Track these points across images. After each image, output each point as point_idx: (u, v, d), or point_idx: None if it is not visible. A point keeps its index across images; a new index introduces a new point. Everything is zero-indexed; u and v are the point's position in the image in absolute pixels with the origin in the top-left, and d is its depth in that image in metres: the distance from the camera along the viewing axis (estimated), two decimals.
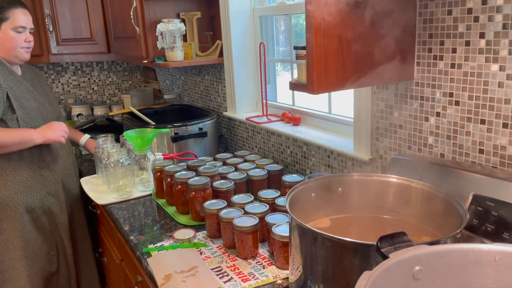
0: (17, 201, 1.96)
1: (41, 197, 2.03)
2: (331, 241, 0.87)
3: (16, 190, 1.96)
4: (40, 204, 2.03)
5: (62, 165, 2.13)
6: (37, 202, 2.02)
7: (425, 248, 0.71)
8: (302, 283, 0.97)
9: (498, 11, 1.05)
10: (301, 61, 1.19)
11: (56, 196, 2.09)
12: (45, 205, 2.05)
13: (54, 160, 2.08)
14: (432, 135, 1.28)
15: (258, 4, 2.19)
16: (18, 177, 1.97)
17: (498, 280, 0.70)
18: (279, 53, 2.24)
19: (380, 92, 1.42)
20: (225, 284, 1.20)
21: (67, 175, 2.16)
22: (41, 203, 2.03)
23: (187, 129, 2.17)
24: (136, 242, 1.48)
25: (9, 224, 1.96)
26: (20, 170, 1.97)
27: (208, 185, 1.59)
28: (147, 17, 2.23)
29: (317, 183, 1.13)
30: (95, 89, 3.53)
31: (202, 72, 2.62)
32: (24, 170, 1.98)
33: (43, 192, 2.04)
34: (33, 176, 2.01)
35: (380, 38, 1.17)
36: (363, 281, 0.62)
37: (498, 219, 0.98)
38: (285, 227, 1.25)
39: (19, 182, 1.97)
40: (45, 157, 2.04)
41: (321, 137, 1.78)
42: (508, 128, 1.09)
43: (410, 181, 1.11)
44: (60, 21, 2.88)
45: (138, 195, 1.88)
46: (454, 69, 1.18)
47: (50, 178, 2.06)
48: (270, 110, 2.18)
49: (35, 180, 2.01)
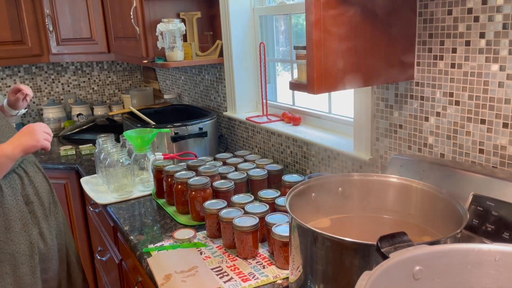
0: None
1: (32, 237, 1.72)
2: (331, 241, 0.87)
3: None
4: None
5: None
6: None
7: (425, 248, 0.71)
8: (302, 283, 0.97)
9: (498, 11, 1.05)
10: (301, 61, 1.19)
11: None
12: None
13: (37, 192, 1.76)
14: (432, 135, 1.28)
15: (258, 4, 2.19)
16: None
17: (498, 280, 0.70)
18: (279, 53, 2.24)
19: (380, 92, 1.42)
20: (225, 284, 1.20)
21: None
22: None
23: (187, 129, 2.17)
24: (136, 242, 1.48)
25: None
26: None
27: (208, 185, 1.59)
28: (147, 17, 2.23)
29: (317, 183, 1.13)
30: (95, 89, 3.53)
31: (202, 72, 2.62)
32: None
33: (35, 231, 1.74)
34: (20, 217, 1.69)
35: (380, 38, 1.17)
36: (363, 281, 0.62)
37: (498, 219, 0.98)
38: (285, 227, 1.25)
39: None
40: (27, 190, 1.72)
41: (321, 137, 1.78)
42: (508, 128, 1.09)
43: (410, 181, 1.11)
44: (60, 21, 2.88)
45: (138, 195, 1.88)
46: (454, 69, 1.18)
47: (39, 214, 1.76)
48: (270, 110, 2.18)
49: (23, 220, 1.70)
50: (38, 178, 1.79)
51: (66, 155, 2.63)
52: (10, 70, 3.24)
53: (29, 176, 1.75)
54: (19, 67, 3.25)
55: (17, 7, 2.82)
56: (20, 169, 1.72)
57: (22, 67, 3.26)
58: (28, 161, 1.78)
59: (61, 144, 2.85)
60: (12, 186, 1.67)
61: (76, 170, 2.47)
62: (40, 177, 1.81)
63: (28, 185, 1.73)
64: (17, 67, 3.24)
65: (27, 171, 1.75)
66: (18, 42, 2.87)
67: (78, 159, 2.56)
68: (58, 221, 1.88)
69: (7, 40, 2.84)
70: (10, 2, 2.79)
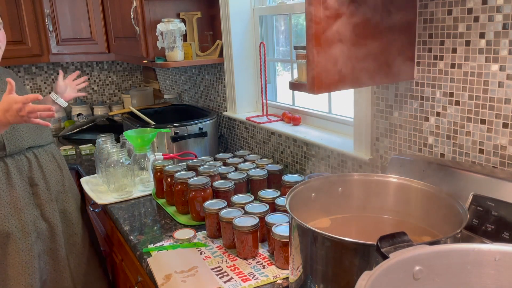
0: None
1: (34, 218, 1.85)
2: (331, 241, 0.87)
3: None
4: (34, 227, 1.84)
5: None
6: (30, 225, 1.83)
7: (425, 248, 0.71)
8: (302, 283, 0.97)
9: (498, 11, 1.05)
10: (301, 61, 1.19)
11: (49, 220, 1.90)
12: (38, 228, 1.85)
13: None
14: (432, 135, 1.28)
15: (258, 4, 2.19)
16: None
17: (498, 280, 0.70)
18: (279, 53, 2.24)
19: (380, 92, 1.42)
20: (225, 284, 1.20)
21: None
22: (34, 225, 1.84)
23: (187, 129, 2.17)
24: (136, 242, 1.48)
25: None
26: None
27: (208, 185, 1.59)
28: (147, 17, 2.23)
29: (317, 183, 1.13)
30: (95, 89, 3.53)
31: (202, 72, 2.62)
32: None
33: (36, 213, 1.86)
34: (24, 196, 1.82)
35: (380, 38, 1.17)
36: (363, 281, 0.62)
37: (498, 219, 0.98)
38: (285, 227, 1.25)
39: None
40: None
41: (321, 137, 1.78)
42: (508, 128, 1.09)
43: (410, 181, 1.11)
44: (60, 21, 2.88)
45: (138, 195, 1.88)
46: (454, 69, 1.18)
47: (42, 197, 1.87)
48: (270, 110, 2.18)
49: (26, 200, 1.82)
50: (50, 166, 1.93)
51: (66, 155, 2.63)
52: (10, 70, 3.24)
53: (39, 161, 1.89)
54: (19, 67, 3.25)
55: (17, 7, 2.82)
56: (30, 153, 1.87)
57: (22, 67, 3.26)
58: (44, 149, 1.93)
59: (61, 144, 2.85)
60: (18, 167, 1.82)
61: (76, 170, 2.47)
62: (53, 166, 1.94)
63: (36, 169, 1.87)
64: (17, 67, 3.24)
65: (38, 156, 1.89)
66: (18, 42, 2.87)
67: (78, 159, 2.56)
68: (65, 208, 1.97)
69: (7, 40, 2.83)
70: (10, 2, 2.79)
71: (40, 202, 1.87)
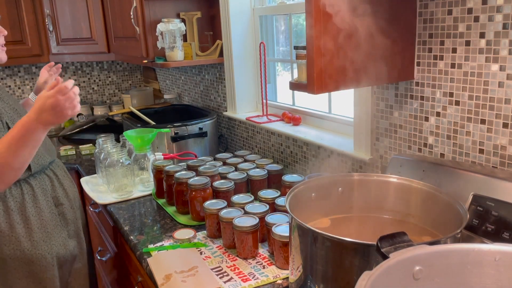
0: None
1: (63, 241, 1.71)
2: (331, 241, 0.87)
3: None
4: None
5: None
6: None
7: (425, 248, 0.71)
8: (302, 283, 0.97)
9: (498, 11, 1.05)
10: (301, 61, 1.19)
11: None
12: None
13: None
14: (432, 135, 1.28)
15: (258, 4, 2.19)
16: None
17: (498, 280, 0.70)
18: (279, 53, 2.24)
19: (380, 92, 1.42)
20: (225, 284, 1.20)
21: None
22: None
23: (187, 129, 2.17)
24: (136, 242, 1.48)
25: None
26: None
27: (208, 185, 1.59)
28: (147, 17, 2.23)
29: (317, 183, 1.13)
30: (95, 89, 3.53)
31: (202, 72, 2.62)
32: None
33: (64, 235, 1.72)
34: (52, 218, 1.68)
35: (380, 38, 1.17)
36: (363, 281, 0.62)
37: (498, 219, 0.98)
38: (285, 227, 1.25)
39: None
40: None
41: (321, 137, 1.78)
42: (508, 128, 1.09)
43: (410, 181, 1.11)
44: (60, 21, 2.88)
45: (138, 195, 1.88)
46: (454, 69, 1.18)
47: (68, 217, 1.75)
48: (270, 110, 2.18)
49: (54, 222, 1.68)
50: (66, 181, 1.80)
51: (66, 155, 2.63)
52: (10, 70, 3.24)
53: (59, 178, 1.75)
54: (19, 67, 3.25)
55: (17, 7, 2.82)
56: (49, 171, 1.72)
57: (22, 67, 3.26)
58: (57, 164, 1.79)
59: (61, 144, 2.85)
60: (42, 187, 1.67)
61: (76, 170, 2.47)
62: (68, 181, 1.81)
63: (58, 187, 1.73)
64: (17, 67, 3.24)
65: (56, 173, 1.75)
66: (18, 42, 2.87)
67: (78, 159, 2.56)
68: (78, 226, 1.84)
69: (7, 40, 2.80)
70: (10, 2, 2.79)
71: (66, 223, 1.75)
